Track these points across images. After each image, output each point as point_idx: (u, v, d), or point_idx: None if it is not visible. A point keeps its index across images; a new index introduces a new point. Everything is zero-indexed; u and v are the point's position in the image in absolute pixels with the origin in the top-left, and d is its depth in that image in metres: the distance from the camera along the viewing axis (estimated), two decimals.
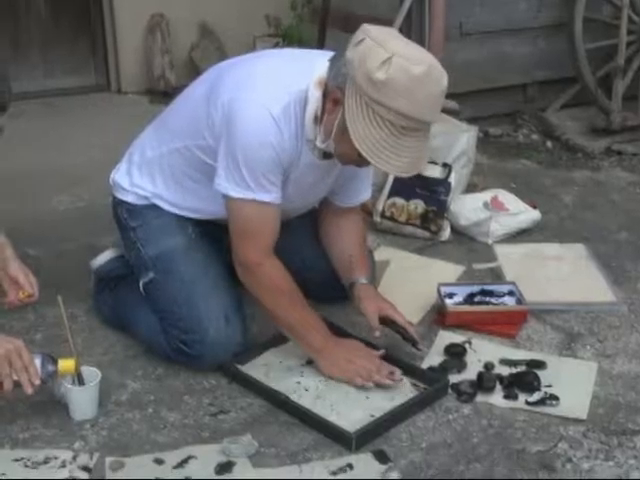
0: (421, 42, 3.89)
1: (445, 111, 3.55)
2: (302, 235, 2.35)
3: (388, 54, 1.77)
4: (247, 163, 1.94)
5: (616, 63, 4.06)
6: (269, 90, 1.95)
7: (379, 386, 2.05)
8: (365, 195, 2.32)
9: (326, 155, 2.01)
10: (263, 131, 1.92)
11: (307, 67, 1.97)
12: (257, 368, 2.13)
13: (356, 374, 2.06)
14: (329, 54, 1.97)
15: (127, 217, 2.25)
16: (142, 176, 2.22)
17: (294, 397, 2.02)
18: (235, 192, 1.98)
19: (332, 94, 1.89)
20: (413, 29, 3.92)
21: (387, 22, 3.72)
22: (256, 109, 1.92)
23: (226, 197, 2.00)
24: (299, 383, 2.07)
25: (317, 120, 1.95)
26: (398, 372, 2.07)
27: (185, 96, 2.19)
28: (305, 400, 2.01)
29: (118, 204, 2.28)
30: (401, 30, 3.81)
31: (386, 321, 2.19)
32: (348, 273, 2.25)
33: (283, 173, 2.00)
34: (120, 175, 2.28)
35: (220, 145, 1.98)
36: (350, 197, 2.28)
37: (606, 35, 4.14)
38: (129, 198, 2.24)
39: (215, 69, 2.14)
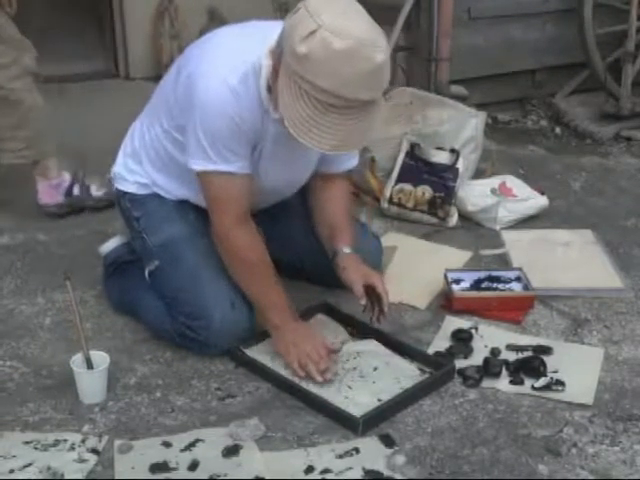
0: (430, 27, 3.89)
1: (453, 96, 3.57)
2: (298, 222, 2.34)
3: (315, 26, 1.71)
4: (207, 134, 1.94)
5: (626, 49, 4.04)
6: (226, 61, 1.94)
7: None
8: (350, 162, 2.27)
9: None
10: (220, 102, 1.91)
11: (263, 37, 1.93)
12: (263, 353, 2.14)
13: (295, 358, 2.04)
14: None
15: (130, 207, 2.27)
16: (135, 165, 2.25)
17: (300, 383, 2.03)
18: (198, 165, 1.99)
19: (274, 64, 1.86)
20: (422, 14, 3.92)
21: (395, 7, 3.72)
22: (213, 80, 1.92)
23: (195, 171, 2.01)
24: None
25: (270, 90, 1.92)
26: (332, 372, 2.03)
27: (161, 83, 2.21)
28: (312, 385, 2.02)
29: (121, 195, 2.30)
30: (410, 16, 3.81)
31: (369, 292, 2.17)
32: (331, 243, 2.23)
33: (249, 142, 1.99)
34: (118, 166, 2.30)
35: (185, 121, 1.99)
36: (333, 163, 2.23)
37: (616, 20, 4.11)
38: (130, 188, 2.26)
39: (185, 51, 2.14)
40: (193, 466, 1.78)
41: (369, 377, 2.06)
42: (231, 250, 2.07)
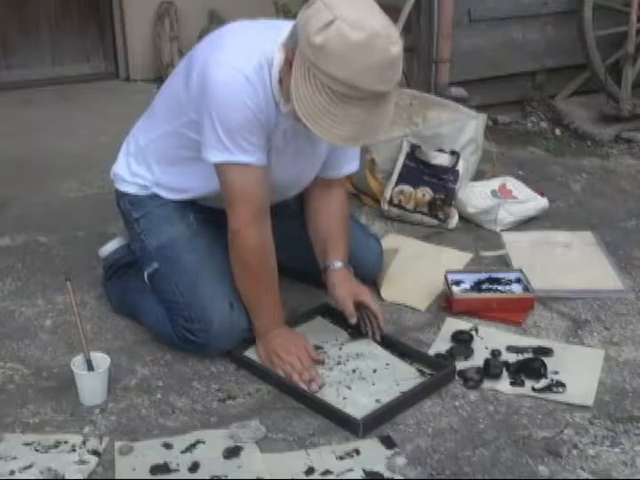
0: (430, 28, 3.90)
1: (453, 98, 3.58)
2: (299, 224, 2.31)
3: (331, 17, 1.72)
4: (223, 125, 1.93)
5: (626, 50, 4.04)
6: (240, 52, 1.94)
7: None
8: (350, 168, 2.26)
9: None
10: (236, 92, 1.91)
11: (276, 31, 1.95)
12: None
13: (279, 369, 2.05)
14: None
15: (130, 209, 2.27)
16: (139, 164, 2.24)
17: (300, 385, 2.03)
18: (215, 156, 1.98)
19: (287, 56, 1.87)
20: (422, 16, 3.92)
21: (396, 9, 3.72)
22: (228, 70, 1.92)
23: (213, 164, 2.01)
24: None
25: (281, 83, 1.93)
26: (317, 383, 2.02)
27: (168, 80, 2.21)
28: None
29: (120, 196, 2.30)
30: (410, 17, 3.81)
31: (359, 307, 2.16)
32: (322, 256, 2.21)
33: (265, 134, 1.99)
34: (119, 166, 2.30)
35: (200, 114, 1.99)
36: (335, 167, 2.22)
37: (616, 22, 4.12)
38: (130, 189, 2.26)
39: (194, 47, 2.14)
40: (194, 467, 1.78)
41: (369, 379, 2.06)
42: (239, 249, 2.06)
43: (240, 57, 1.93)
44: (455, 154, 3.00)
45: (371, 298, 2.19)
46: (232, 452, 1.82)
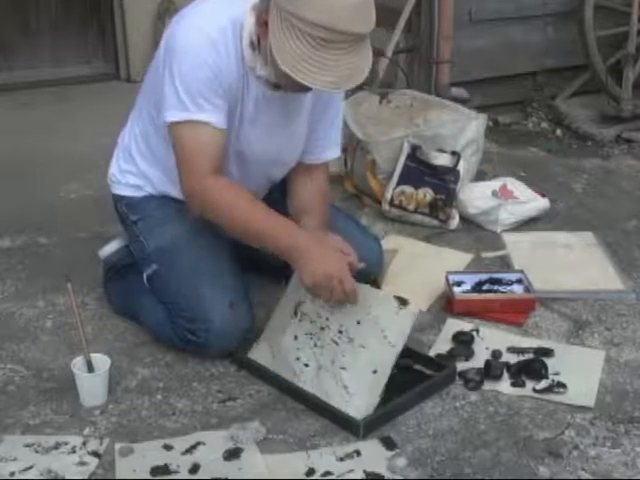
0: (430, 29, 3.90)
1: (454, 99, 3.57)
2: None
3: None
4: (184, 83, 1.95)
5: (626, 51, 4.04)
6: (207, 16, 1.98)
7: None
8: (330, 153, 2.26)
9: (277, 86, 1.99)
10: (198, 48, 1.94)
11: (245, 2, 1.97)
12: (264, 355, 2.12)
13: (322, 293, 1.96)
14: None
15: (127, 211, 2.27)
16: (127, 163, 2.26)
17: (298, 378, 2.01)
18: (173, 116, 1.98)
19: (261, 17, 1.89)
20: (422, 16, 3.92)
21: (396, 9, 3.73)
22: (193, 31, 1.95)
23: (168, 127, 2.01)
24: (298, 359, 2.04)
25: (254, 46, 1.96)
26: (354, 295, 1.96)
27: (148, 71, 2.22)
28: (308, 375, 2.00)
29: (117, 200, 2.31)
30: (410, 18, 3.81)
31: None
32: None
33: (227, 96, 1.99)
34: (113, 170, 2.32)
35: (162, 73, 1.99)
36: (312, 152, 2.22)
37: (617, 22, 4.11)
38: (125, 192, 2.27)
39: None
40: (194, 469, 1.78)
41: (356, 339, 1.97)
42: (206, 199, 2.00)
43: (206, 20, 1.96)
44: (456, 155, 3.00)
45: (344, 244, 2.05)
46: (232, 453, 1.82)
